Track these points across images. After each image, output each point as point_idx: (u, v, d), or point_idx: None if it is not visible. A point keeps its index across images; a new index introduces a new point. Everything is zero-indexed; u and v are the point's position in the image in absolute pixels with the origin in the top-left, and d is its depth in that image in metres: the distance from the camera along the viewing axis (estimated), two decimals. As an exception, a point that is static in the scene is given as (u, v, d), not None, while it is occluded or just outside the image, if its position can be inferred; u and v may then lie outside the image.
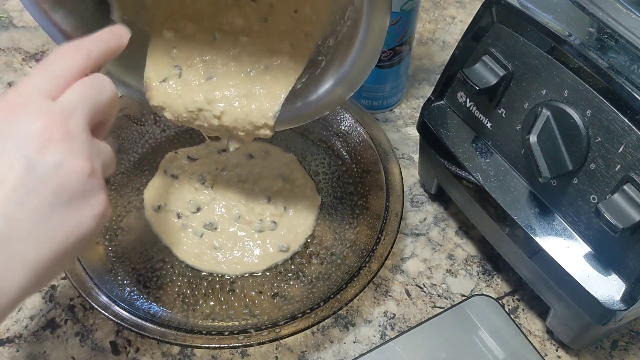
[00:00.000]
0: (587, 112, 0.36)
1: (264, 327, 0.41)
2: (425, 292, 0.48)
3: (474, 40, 0.43)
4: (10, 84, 0.62)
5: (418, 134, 0.50)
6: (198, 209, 0.50)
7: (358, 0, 0.38)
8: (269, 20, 0.45)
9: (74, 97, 0.32)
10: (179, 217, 0.50)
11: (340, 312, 0.46)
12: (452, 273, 0.49)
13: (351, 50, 0.38)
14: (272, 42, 0.45)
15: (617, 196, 0.34)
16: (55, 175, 0.30)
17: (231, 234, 0.49)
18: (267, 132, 0.44)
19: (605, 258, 0.37)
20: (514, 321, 0.44)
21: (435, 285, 0.48)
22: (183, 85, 0.44)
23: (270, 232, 0.49)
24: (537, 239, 0.39)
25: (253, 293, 0.46)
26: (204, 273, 0.47)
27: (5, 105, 0.31)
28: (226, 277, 0.47)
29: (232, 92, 0.44)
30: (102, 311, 0.41)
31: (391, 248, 0.45)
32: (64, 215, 0.30)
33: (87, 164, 0.31)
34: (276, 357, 0.44)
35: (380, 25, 0.36)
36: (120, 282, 0.45)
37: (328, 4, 0.43)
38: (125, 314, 0.41)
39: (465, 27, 0.43)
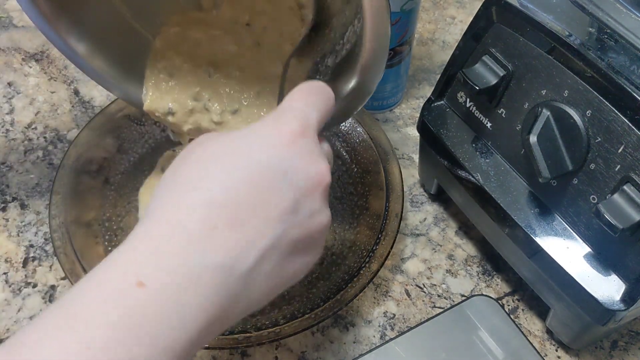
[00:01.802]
0: (587, 112, 0.36)
1: (264, 327, 0.41)
2: (425, 292, 0.48)
3: (474, 40, 0.43)
4: (10, 84, 0.62)
5: (418, 134, 0.50)
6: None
7: (358, 25, 0.38)
8: (262, 44, 0.45)
9: (328, 150, 0.34)
10: None
11: (340, 312, 0.46)
12: (452, 273, 0.49)
13: (350, 77, 0.38)
14: (265, 67, 0.45)
15: (617, 196, 0.34)
16: (308, 222, 0.30)
17: None
18: None
19: (605, 258, 0.37)
20: (514, 321, 0.44)
21: (435, 285, 0.48)
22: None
23: None
24: (537, 239, 0.39)
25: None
26: None
27: (288, 131, 0.31)
28: None
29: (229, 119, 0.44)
30: (102, 311, 0.41)
31: (391, 248, 0.45)
32: (298, 259, 0.31)
33: (329, 213, 0.32)
34: (276, 357, 0.44)
35: (381, 57, 0.36)
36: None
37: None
38: (125, 314, 0.41)
39: (465, 27, 0.43)
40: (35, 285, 0.48)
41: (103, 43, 0.45)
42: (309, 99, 0.33)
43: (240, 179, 0.29)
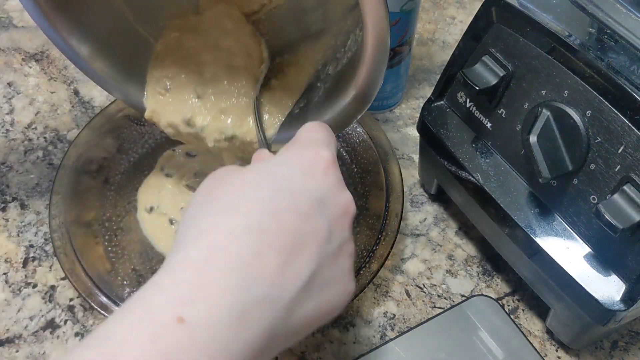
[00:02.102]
0: (587, 112, 0.36)
1: (263, 328, 0.41)
2: (425, 292, 0.48)
3: (474, 40, 0.43)
4: (10, 84, 0.62)
5: (418, 134, 0.50)
6: None
7: (359, 34, 0.38)
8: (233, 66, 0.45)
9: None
10: (171, 223, 0.49)
11: (340, 312, 0.46)
12: (452, 273, 0.49)
13: (351, 86, 0.38)
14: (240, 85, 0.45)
15: (617, 196, 0.34)
16: (338, 252, 0.30)
17: None
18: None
19: (605, 258, 0.37)
20: (514, 321, 0.44)
21: (435, 285, 0.48)
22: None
23: None
24: (537, 240, 0.39)
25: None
26: None
27: (322, 160, 0.31)
28: None
29: (229, 122, 0.44)
30: (102, 311, 0.41)
31: (391, 248, 0.45)
32: (332, 290, 0.30)
33: (353, 243, 0.32)
34: (276, 357, 0.44)
35: (381, 68, 0.36)
36: (120, 282, 0.45)
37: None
38: (125, 314, 0.41)
39: (465, 27, 0.43)
40: (35, 285, 0.48)
41: (105, 45, 0.45)
42: (326, 132, 0.34)
43: (284, 206, 0.28)
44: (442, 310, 0.46)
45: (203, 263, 0.26)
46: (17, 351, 0.44)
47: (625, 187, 0.34)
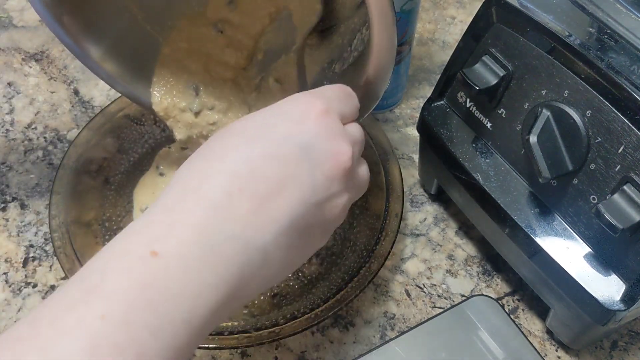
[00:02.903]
0: (587, 112, 0.36)
1: (263, 327, 0.41)
2: (425, 292, 0.48)
3: (474, 40, 0.43)
4: (10, 84, 0.62)
5: (418, 134, 0.50)
6: None
7: (366, 33, 0.38)
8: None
9: (357, 133, 0.34)
10: None
11: (340, 312, 0.46)
12: (452, 273, 0.49)
13: (357, 85, 0.38)
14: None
15: (617, 196, 0.34)
16: (325, 205, 0.30)
17: None
18: None
19: (605, 258, 0.37)
20: (514, 321, 0.44)
21: (435, 285, 0.48)
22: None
23: None
24: (537, 239, 0.39)
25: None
26: None
27: (311, 108, 0.31)
28: None
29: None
30: (102, 311, 0.41)
31: (391, 248, 0.45)
32: (310, 239, 0.31)
33: (345, 199, 0.32)
34: (276, 357, 0.44)
35: (387, 69, 0.36)
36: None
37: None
38: (125, 314, 0.41)
39: (465, 27, 0.43)
40: (35, 285, 0.48)
41: (115, 45, 0.46)
42: (339, 94, 0.33)
43: (262, 152, 0.29)
44: (442, 310, 0.46)
45: (174, 204, 0.27)
46: (17, 351, 0.44)
47: (625, 187, 0.34)
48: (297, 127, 0.30)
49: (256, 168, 0.28)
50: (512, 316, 0.45)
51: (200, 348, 0.41)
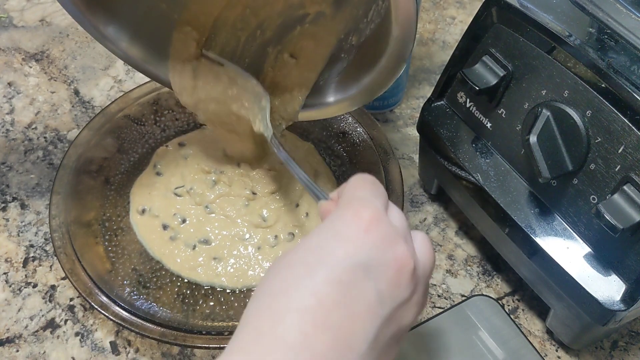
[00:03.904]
0: (587, 112, 0.36)
1: (264, 327, 0.41)
2: (425, 292, 0.48)
3: (474, 40, 0.43)
4: (10, 84, 0.62)
5: (418, 134, 0.50)
6: (184, 220, 0.49)
7: (382, 5, 0.38)
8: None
9: (402, 222, 0.32)
10: (164, 228, 0.49)
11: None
12: (452, 273, 0.49)
13: (379, 56, 0.38)
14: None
15: (617, 196, 0.34)
16: (398, 313, 0.29)
17: (230, 247, 0.48)
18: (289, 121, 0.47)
19: (605, 258, 0.37)
20: (514, 321, 0.44)
21: (435, 285, 0.48)
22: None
23: (286, 244, 0.48)
24: (537, 239, 0.39)
25: (253, 293, 0.46)
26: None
27: (361, 220, 0.30)
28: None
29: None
30: (102, 311, 0.41)
31: (391, 248, 0.45)
32: (393, 349, 0.30)
33: (420, 300, 0.31)
34: None
35: (409, 36, 0.35)
36: (120, 282, 0.45)
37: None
38: (125, 314, 0.41)
39: (465, 27, 0.43)
40: (35, 285, 0.48)
41: (137, 29, 0.46)
42: (369, 187, 0.32)
43: (326, 280, 0.28)
44: (442, 310, 0.46)
45: (250, 346, 0.27)
46: (17, 351, 0.44)
47: (625, 187, 0.34)
48: (353, 246, 0.29)
49: (324, 298, 0.27)
50: (512, 316, 0.45)
51: (200, 348, 0.41)
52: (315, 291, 0.27)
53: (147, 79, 0.51)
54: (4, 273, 0.48)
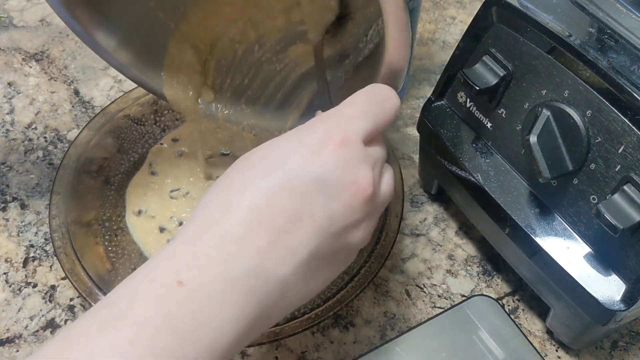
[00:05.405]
0: (587, 112, 0.36)
1: (264, 327, 0.41)
2: (425, 292, 0.48)
3: (474, 40, 0.43)
4: (10, 84, 0.62)
5: (418, 134, 0.50)
6: (181, 224, 0.49)
7: (382, 25, 0.38)
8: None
9: (378, 152, 0.33)
10: (161, 231, 0.49)
11: (340, 312, 0.46)
12: (452, 273, 0.49)
13: (373, 78, 0.38)
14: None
15: (617, 196, 0.34)
16: (343, 236, 0.31)
17: None
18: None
19: (605, 258, 0.37)
20: (514, 321, 0.44)
21: (435, 285, 0.48)
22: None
23: None
24: (537, 239, 0.39)
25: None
26: None
27: (329, 140, 0.30)
28: None
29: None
30: (102, 311, 0.41)
31: (391, 248, 0.45)
32: (329, 269, 0.32)
33: (368, 226, 0.32)
34: (276, 357, 0.44)
35: (402, 67, 0.35)
36: (120, 282, 0.45)
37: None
38: (125, 314, 0.41)
39: (465, 27, 0.43)
40: (35, 285, 0.48)
41: (128, 35, 0.46)
42: (364, 108, 0.33)
43: (279, 185, 0.29)
44: (442, 310, 0.46)
45: (202, 238, 0.28)
46: (17, 351, 0.44)
47: (625, 187, 0.34)
48: (313, 159, 0.30)
49: (274, 202, 0.29)
50: (512, 316, 0.45)
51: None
52: (268, 194, 0.29)
53: (147, 79, 0.51)
54: (4, 273, 0.48)
